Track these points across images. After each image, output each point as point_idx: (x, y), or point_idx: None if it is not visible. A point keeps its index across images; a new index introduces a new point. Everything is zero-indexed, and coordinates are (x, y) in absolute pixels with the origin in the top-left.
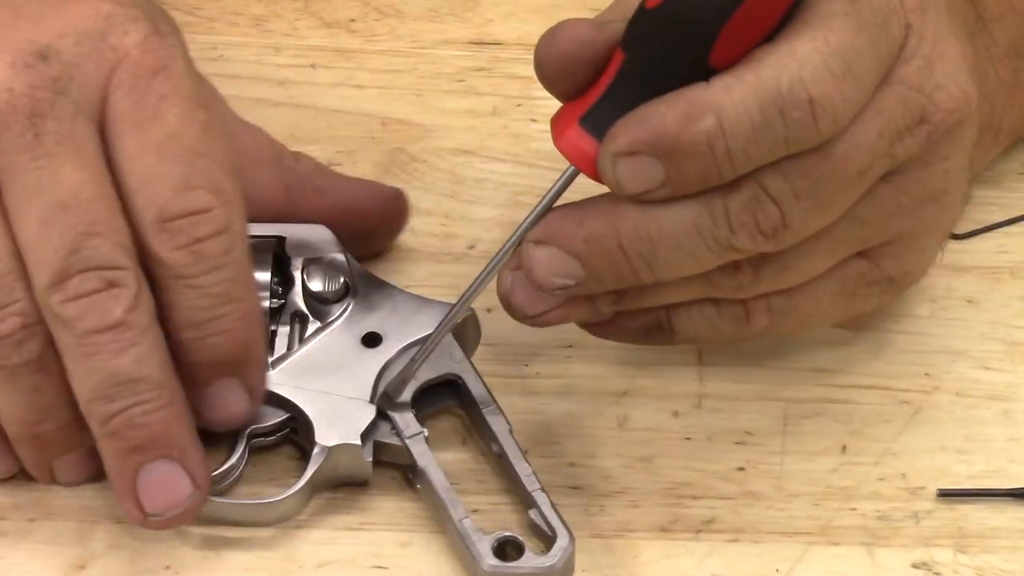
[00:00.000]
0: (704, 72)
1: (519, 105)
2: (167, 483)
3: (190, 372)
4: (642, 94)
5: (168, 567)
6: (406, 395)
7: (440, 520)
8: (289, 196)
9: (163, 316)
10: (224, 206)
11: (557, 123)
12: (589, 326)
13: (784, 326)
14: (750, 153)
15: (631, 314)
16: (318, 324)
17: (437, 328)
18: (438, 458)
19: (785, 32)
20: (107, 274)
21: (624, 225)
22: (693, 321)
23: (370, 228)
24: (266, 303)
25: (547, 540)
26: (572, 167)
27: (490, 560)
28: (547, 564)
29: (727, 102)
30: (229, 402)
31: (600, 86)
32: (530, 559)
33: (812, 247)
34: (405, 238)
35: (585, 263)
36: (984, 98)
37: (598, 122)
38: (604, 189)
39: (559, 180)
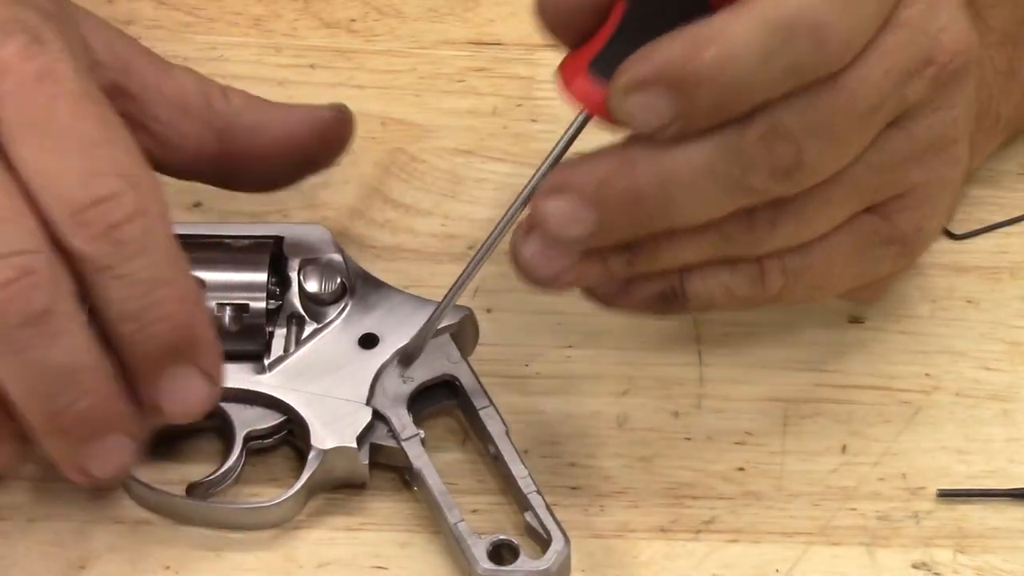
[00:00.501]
0: (706, 11)
1: (519, 105)
2: (117, 456)
3: (139, 367)
4: (648, 35)
5: (168, 567)
6: (403, 393)
7: (437, 522)
8: (221, 142)
9: (100, 317)
10: (134, 188)
11: (564, 71)
12: (602, 297)
13: (798, 289)
14: (759, 82)
15: (644, 282)
16: (315, 325)
17: (460, 277)
18: (437, 457)
19: None
20: (16, 260)
21: (638, 167)
22: (707, 285)
23: (312, 157)
24: (263, 304)
25: (543, 543)
26: (582, 115)
27: (484, 564)
28: (541, 568)
29: (732, 31)
30: (187, 391)
31: (606, 31)
32: (525, 562)
33: (828, 194)
34: (405, 238)
35: (600, 209)
36: (982, 85)
37: (607, 66)
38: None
39: (569, 129)
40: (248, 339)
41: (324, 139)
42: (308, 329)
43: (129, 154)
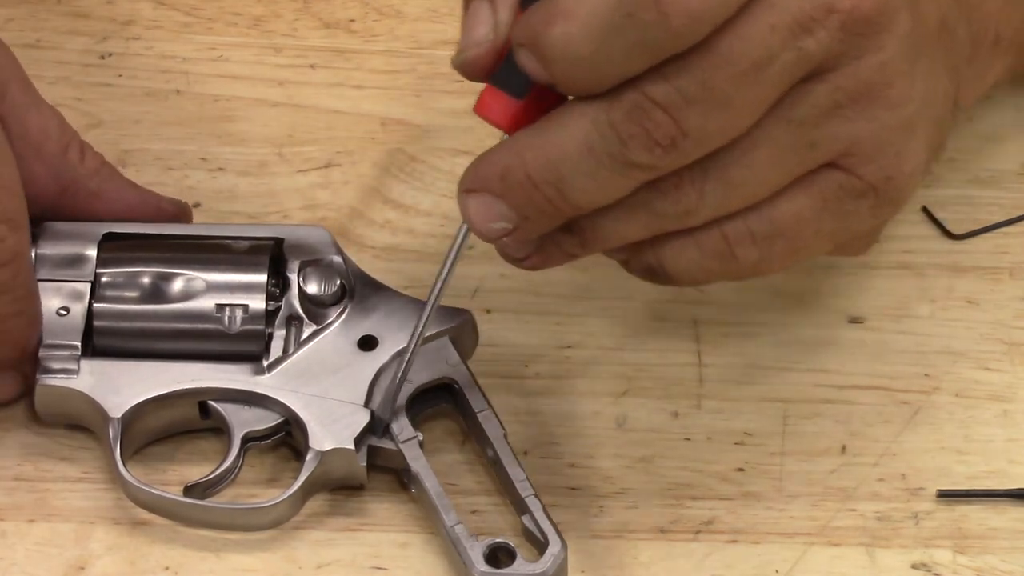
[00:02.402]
0: None
1: None
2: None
3: None
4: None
5: (168, 567)
6: (401, 400)
7: (435, 523)
8: (61, 195)
9: None
10: (15, 233)
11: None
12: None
13: (776, 255)
14: (611, 59)
15: (629, 258)
16: (314, 327)
17: (409, 340)
18: (436, 458)
19: None
20: None
21: (527, 155)
22: (680, 262)
23: None
24: (262, 305)
25: (540, 546)
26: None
27: (481, 567)
28: (538, 571)
29: (579, 7)
30: (7, 389)
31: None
32: (521, 565)
33: (749, 157)
34: (405, 239)
35: (510, 200)
36: (979, 6)
37: (504, 78)
38: None
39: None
40: (247, 340)
41: None
42: (307, 331)
43: (11, 194)
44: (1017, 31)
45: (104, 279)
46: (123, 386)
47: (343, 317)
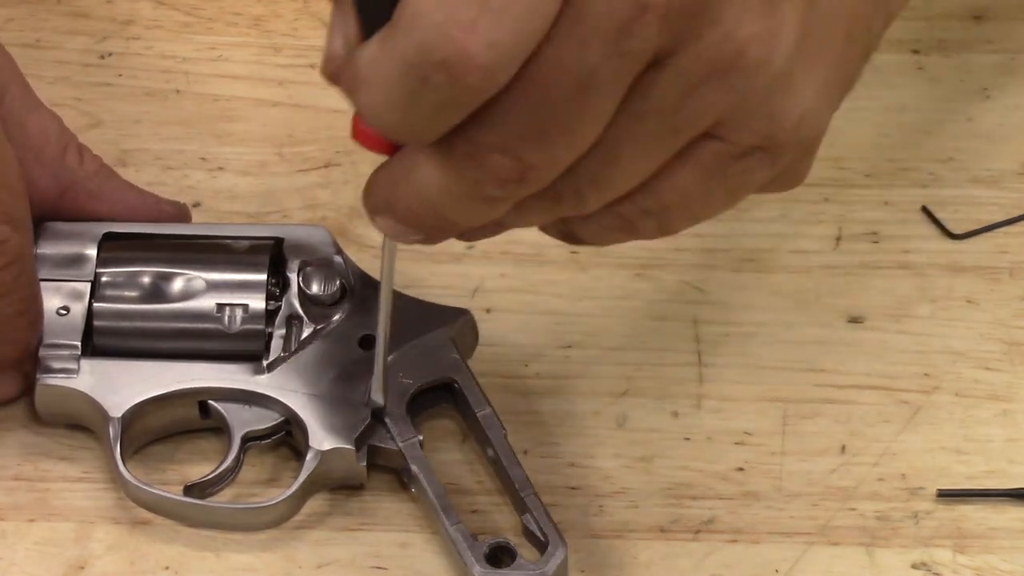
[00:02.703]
0: None
1: None
2: None
3: None
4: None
5: (168, 567)
6: (401, 400)
7: (435, 524)
8: (61, 198)
9: None
10: (17, 233)
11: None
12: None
13: (674, 222)
14: (423, 120)
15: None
16: (314, 327)
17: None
18: (436, 458)
19: None
20: None
21: (399, 190)
22: (592, 232)
23: None
24: (263, 305)
25: (540, 546)
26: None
27: (480, 568)
28: (538, 571)
29: (371, 74)
30: (8, 387)
31: None
32: (522, 565)
33: (615, 157)
34: None
35: (408, 224)
36: None
37: None
38: None
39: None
40: (247, 340)
41: None
42: (307, 330)
43: (14, 194)
44: None
45: (104, 279)
46: (123, 386)
47: (343, 317)
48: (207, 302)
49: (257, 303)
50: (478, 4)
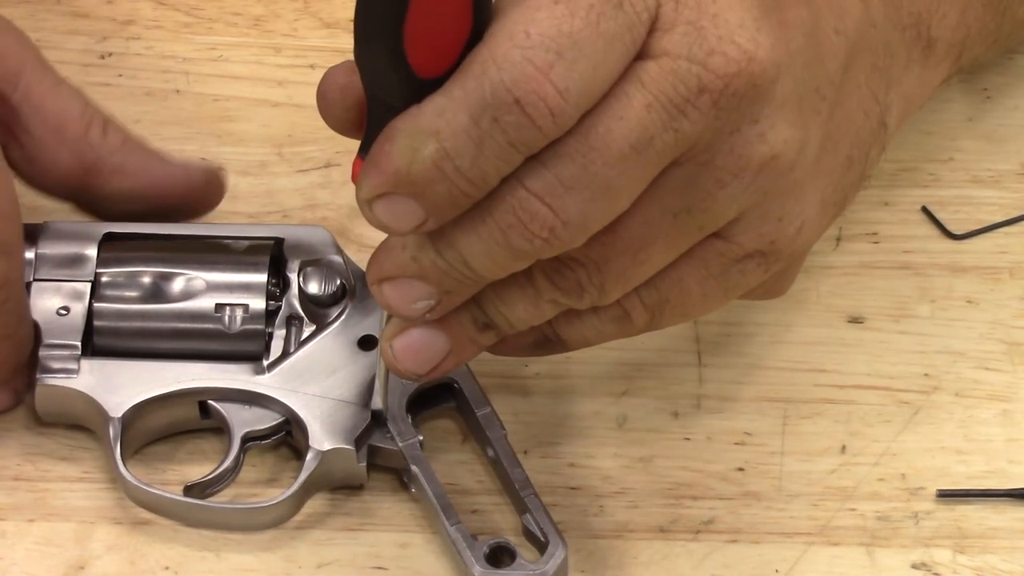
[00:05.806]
0: (420, 87)
1: None
2: None
3: None
4: (382, 117)
5: (168, 567)
6: (401, 400)
7: (435, 524)
8: (86, 175)
9: None
10: (7, 259)
11: (355, 163)
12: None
13: (665, 318)
14: (484, 164)
15: (520, 333)
16: (314, 327)
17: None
18: (437, 457)
19: (490, 29)
20: None
21: (435, 241)
22: (577, 329)
23: (173, 209)
24: (263, 305)
25: (540, 546)
26: None
27: (479, 568)
28: (538, 571)
29: (441, 123)
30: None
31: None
32: (521, 565)
33: (645, 252)
34: None
35: (427, 281)
36: (904, 6)
37: (366, 152)
38: None
39: None
40: (247, 340)
41: (188, 198)
42: (307, 330)
43: (7, 222)
44: (954, 30)
45: (104, 279)
46: (123, 386)
47: (343, 317)
48: (207, 302)
49: (257, 303)
50: (555, 50)
